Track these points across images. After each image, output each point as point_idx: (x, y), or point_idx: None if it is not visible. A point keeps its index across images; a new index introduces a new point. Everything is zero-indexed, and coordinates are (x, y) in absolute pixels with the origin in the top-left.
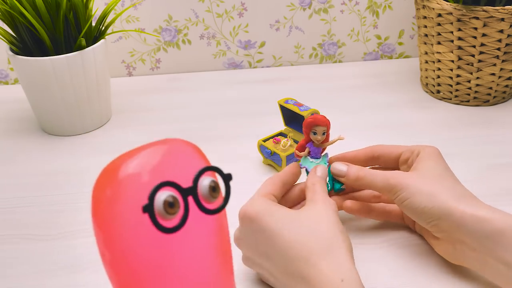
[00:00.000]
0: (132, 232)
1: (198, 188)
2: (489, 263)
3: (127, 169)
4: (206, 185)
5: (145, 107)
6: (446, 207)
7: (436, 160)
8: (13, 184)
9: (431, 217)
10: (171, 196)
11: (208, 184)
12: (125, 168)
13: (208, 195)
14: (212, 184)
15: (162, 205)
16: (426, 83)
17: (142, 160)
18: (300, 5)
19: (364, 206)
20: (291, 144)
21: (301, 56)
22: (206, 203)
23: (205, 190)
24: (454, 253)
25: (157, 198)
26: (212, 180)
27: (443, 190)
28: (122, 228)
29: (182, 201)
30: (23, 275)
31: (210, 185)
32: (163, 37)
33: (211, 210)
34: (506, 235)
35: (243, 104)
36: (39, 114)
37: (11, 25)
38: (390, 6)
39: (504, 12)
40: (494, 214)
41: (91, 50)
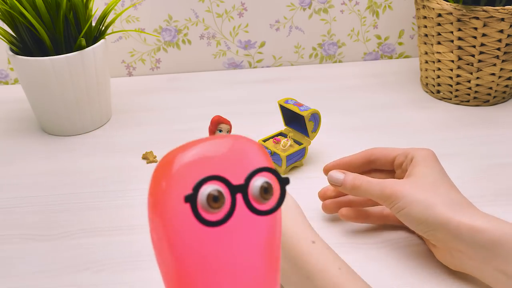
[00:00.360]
0: (180, 222)
1: (249, 187)
2: (488, 271)
3: (181, 160)
4: (258, 185)
5: (145, 107)
6: (442, 218)
7: (431, 165)
8: (13, 184)
9: (427, 227)
10: (216, 190)
11: (261, 185)
12: (179, 159)
13: (258, 195)
14: (265, 185)
15: (205, 197)
16: (426, 83)
17: (197, 152)
18: (300, 5)
19: (361, 212)
20: (291, 144)
21: (301, 56)
22: (256, 203)
23: (256, 190)
24: (452, 261)
25: (203, 190)
26: (266, 181)
27: (438, 199)
28: (173, 218)
29: (230, 197)
30: (23, 275)
31: (263, 186)
32: (163, 37)
33: (260, 211)
34: (503, 244)
35: (243, 104)
36: (39, 114)
37: (11, 25)
38: (390, 6)
39: (504, 12)
40: (490, 224)
41: (91, 50)
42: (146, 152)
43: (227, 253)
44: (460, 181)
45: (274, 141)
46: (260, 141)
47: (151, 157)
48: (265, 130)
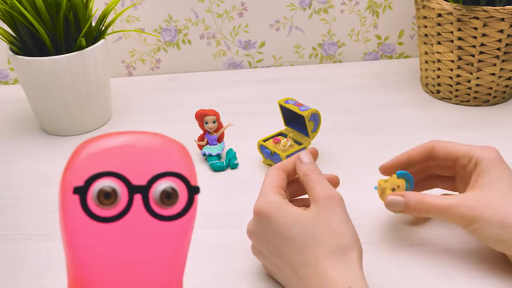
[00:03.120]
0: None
1: (151, 190)
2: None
3: (88, 151)
4: (160, 189)
5: (145, 107)
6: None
7: (499, 171)
8: (13, 184)
9: (503, 245)
10: (110, 187)
11: (163, 189)
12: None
13: (159, 199)
14: (169, 190)
15: (97, 192)
16: (426, 83)
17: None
18: (300, 5)
19: None
20: (291, 144)
21: (301, 56)
22: (157, 207)
23: (157, 194)
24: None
25: (97, 184)
26: (170, 186)
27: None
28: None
29: (127, 196)
30: (23, 275)
31: (165, 191)
32: (163, 37)
33: (160, 215)
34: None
35: (243, 104)
36: (39, 114)
37: (11, 25)
38: (390, 6)
39: (504, 12)
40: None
41: (91, 50)
42: None
43: (122, 251)
44: None
45: (274, 141)
46: (260, 141)
47: None
48: (265, 130)
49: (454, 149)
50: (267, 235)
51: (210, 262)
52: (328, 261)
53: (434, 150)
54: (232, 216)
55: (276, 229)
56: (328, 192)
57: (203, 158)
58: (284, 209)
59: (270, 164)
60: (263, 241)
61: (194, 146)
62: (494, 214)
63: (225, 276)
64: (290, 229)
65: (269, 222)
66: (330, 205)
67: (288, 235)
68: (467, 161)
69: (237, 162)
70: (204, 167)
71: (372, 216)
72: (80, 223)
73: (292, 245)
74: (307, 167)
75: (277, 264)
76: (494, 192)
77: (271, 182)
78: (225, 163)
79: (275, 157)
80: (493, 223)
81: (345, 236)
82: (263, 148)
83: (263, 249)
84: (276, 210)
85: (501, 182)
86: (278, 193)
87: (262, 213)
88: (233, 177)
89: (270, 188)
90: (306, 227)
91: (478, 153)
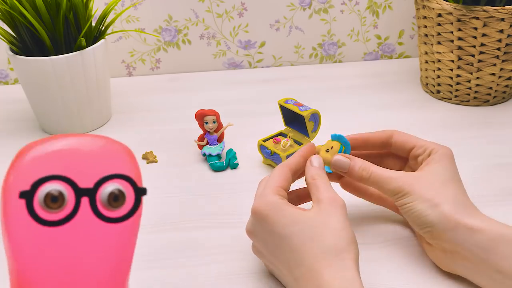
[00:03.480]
0: (18, 217)
1: (98, 192)
2: (482, 271)
3: (32, 154)
4: (107, 191)
5: (145, 107)
6: (442, 217)
7: (446, 164)
8: None
9: (425, 224)
10: (57, 190)
11: (110, 191)
12: (32, 152)
13: (106, 202)
14: (116, 192)
15: (43, 196)
16: (426, 83)
17: (53, 147)
18: (300, 5)
19: (361, 187)
20: (291, 144)
21: (301, 56)
22: (104, 209)
23: (104, 196)
24: (445, 261)
25: (43, 188)
26: (117, 188)
27: (444, 200)
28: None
29: (74, 200)
30: None
31: (113, 193)
32: (163, 37)
33: (108, 217)
34: (500, 243)
35: (243, 104)
36: (39, 114)
37: (11, 25)
38: (390, 6)
39: (504, 12)
40: (487, 224)
41: (91, 50)
42: (146, 152)
43: (68, 255)
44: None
45: (274, 141)
46: (260, 141)
47: (151, 157)
48: (265, 130)
49: (411, 139)
50: (265, 235)
51: (210, 262)
52: (323, 262)
53: (392, 137)
54: (232, 216)
55: (274, 229)
56: (332, 195)
57: (203, 158)
58: (283, 209)
59: (270, 164)
60: (261, 240)
61: (194, 146)
62: (426, 192)
63: (225, 276)
64: (288, 228)
65: (267, 222)
66: (332, 207)
67: (285, 234)
68: (422, 151)
69: (237, 162)
70: (204, 167)
71: (372, 216)
72: (26, 227)
73: (289, 244)
74: (316, 171)
75: (275, 263)
76: (434, 177)
77: (274, 181)
78: (225, 163)
79: (275, 157)
80: (423, 199)
81: (342, 238)
82: (263, 148)
83: (262, 248)
84: (273, 210)
85: (444, 172)
86: (278, 193)
87: (259, 213)
88: (233, 177)
89: (271, 188)
90: (304, 226)
91: (434, 146)
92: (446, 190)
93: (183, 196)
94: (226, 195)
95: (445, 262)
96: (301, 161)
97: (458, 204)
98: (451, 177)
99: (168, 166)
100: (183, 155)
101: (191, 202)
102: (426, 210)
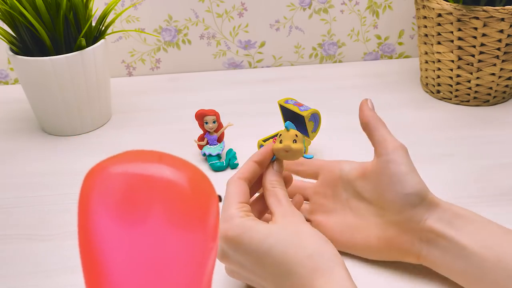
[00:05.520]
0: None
1: None
2: None
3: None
4: None
5: (145, 107)
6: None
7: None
8: (13, 184)
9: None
10: None
11: None
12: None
13: None
14: None
15: None
16: (426, 83)
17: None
18: (300, 5)
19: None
20: None
21: (301, 56)
22: None
23: None
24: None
25: None
26: None
27: None
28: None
29: None
30: (22, 275)
31: None
32: (163, 37)
33: None
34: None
35: (243, 104)
36: (39, 114)
37: (11, 25)
38: (390, 6)
39: (504, 12)
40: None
41: (91, 50)
42: None
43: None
44: (460, 181)
45: (274, 141)
46: (260, 141)
47: None
48: (265, 130)
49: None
50: (240, 257)
51: None
52: (311, 267)
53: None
54: None
55: (250, 247)
56: (293, 209)
57: (203, 158)
58: (252, 226)
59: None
60: (237, 263)
61: (194, 146)
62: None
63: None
64: (265, 242)
65: (240, 244)
66: (295, 218)
67: (264, 249)
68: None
69: (237, 162)
70: (204, 167)
71: None
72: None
73: (270, 259)
74: (276, 179)
75: (258, 281)
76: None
77: (233, 198)
78: (225, 163)
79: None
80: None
81: (319, 240)
82: None
83: (239, 270)
84: (244, 231)
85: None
86: (241, 210)
87: (231, 239)
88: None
89: (233, 208)
90: (280, 237)
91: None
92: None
93: None
94: None
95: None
96: (255, 167)
97: None
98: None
99: None
100: (183, 155)
101: None
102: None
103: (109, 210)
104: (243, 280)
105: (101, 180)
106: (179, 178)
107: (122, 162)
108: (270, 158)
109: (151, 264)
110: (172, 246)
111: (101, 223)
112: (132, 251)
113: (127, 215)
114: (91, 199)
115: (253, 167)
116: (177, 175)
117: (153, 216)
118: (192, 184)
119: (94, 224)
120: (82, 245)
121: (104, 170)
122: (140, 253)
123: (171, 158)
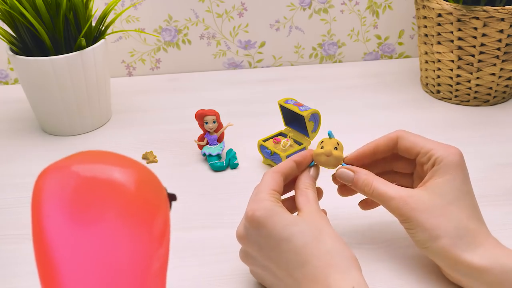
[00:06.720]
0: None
1: None
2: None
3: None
4: None
5: (145, 107)
6: (442, 252)
7: (452, 177)
8: (13, 184)
9: (427, 253)
10: None
11: None
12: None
13: None
14: None
15: None
16: (426, 83)
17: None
18: (300, 5)
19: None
20: (291, 144)
21: (301, 56)
22: None
23: None
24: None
25: None
26: None
27: (443, 232)
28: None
29: None
30: (23, 275)
31: None
32: (163, 37)
33: None
34: (506, 282)
35: (243, 104)
36: (39, 114)
37: (11, 25)
38: (390, 6)
39: (504, 12)
40: (489, 260)
41: (91, 50)
42: (146, 152)
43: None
44: None
45: (274, 141)
46: (260, 141)
47: (151, 157)
48: (265, 130)
49: (417, 144)
50: (260, 239)
51: (210, 262)
52: (329, 262)
53: (398, 140)
54: (232, 216)
55: (272, 232)
56: (320, 211)
57: (203, 158)
58: (279, 211)
59: (270, 164)
60: (255, 245)
61: (194, 146)
62: (426, 221)
63: (225, 276)
64: (287, 229)
65: (264, 226)
66: (322, 219)
67: (286, 236)
68: (426, 160)
69: (237, 162)
70: (204, 167)
71: (372, 216)
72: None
73: (289, 246)
74: (310, 183)
75: (270, 267)
76: (438, 198)
77: (266, 185)
78: (225, 163)
79: (275, 157)
80: (423, 229)
81: (340, 241)
82: (263, 148)
83: (255, 253)
84: (270, 213)
85: (450, 189)
86: (273, 196)
87: (256, 218)
88: (233, 177)
89: (265, 192)
90: (304, 228)
91: (439, 153)
92: (449, 216)
93: (183, 196)
94: (226, 195)
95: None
96: (293, 166)
97: (459, 235)
98: (456, 196)
99: (168, 166)
100: (183, 155)
101: (191, 202)
102: (426, 242)
103: (59, 211)
104: (254, 267)
105: (54, 180)
106: (126, 180)
107: (74, 163)
108: (309, 161)
109: (99, 265)
110: (118, 248)
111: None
112: (80, 251)
113: (77, 216)
114: (43, 200)
115: (290, 165)
116: (125, 177)
117: (100, 218)
118: (139, 186)
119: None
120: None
121: (58, 171)
122: (89, 253)
123: (122, 159)
